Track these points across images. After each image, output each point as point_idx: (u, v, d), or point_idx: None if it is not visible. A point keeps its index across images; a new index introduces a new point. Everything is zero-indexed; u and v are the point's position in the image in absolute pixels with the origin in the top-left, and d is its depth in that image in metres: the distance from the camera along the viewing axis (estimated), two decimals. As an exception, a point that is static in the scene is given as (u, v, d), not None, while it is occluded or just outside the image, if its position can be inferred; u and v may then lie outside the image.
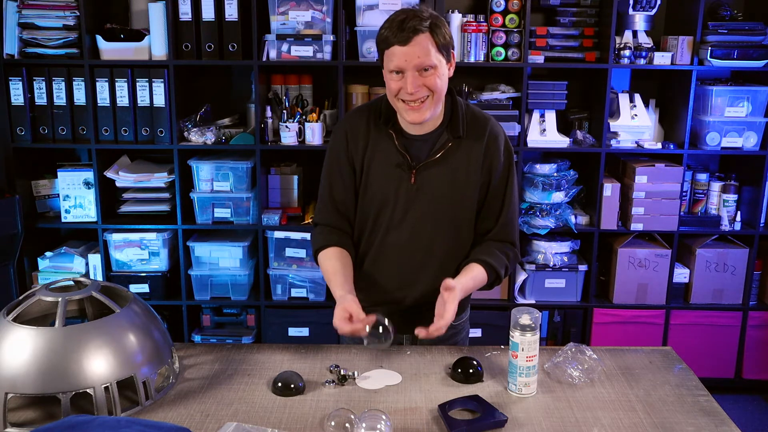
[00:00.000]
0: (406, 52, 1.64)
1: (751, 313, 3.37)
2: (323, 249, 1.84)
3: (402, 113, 1.75)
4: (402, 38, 1.63)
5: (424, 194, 1.79)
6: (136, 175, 3.23)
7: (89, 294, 1.56)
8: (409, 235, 1.82)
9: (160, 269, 3.29)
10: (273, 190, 3.36)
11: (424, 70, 1.66)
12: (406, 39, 1.63)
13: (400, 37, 1.63)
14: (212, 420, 1.49)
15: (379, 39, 1.69)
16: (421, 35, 1.64)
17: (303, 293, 3.32)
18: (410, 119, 1.73)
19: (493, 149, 1.80)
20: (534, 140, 3.22)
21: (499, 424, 1.46)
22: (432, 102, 1.71)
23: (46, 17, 3.04)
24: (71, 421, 1.24)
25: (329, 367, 1.69)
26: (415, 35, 1.63)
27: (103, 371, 1.45)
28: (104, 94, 3.13)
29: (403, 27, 1.63)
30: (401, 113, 1.75)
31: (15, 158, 3.17)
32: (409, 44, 1.64)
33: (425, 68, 1.66)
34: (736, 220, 3.35)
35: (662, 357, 1.81)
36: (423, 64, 1.66)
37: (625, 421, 1.50)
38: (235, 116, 3.42)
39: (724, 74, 3.43)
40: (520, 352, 1.57)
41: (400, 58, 1.65)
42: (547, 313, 3.40)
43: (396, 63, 1.66)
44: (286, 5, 3.07)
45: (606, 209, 3.27)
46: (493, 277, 1.80)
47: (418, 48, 1.64)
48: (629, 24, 3.15)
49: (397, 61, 1.66)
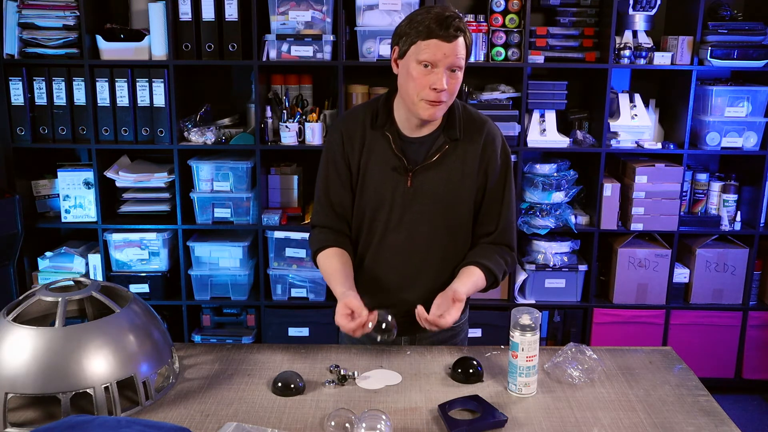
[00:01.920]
0: (447, 48, 1.63)
1: (751, 313, 3.37)
2: (322, 250, 1.84)
3: (417, 110, 1.70)
4: (447, 35, 1.62)
5: (420, 197, 1.79)
6: (136, 175, 3.23)
7: (89, 294, 1.56)
8: (406, 237, 1.82)
9: (160, 269, 3.29)
10: (273, 190, 3.36)
11: (452, 71, 1.66)
12: (451, 36, 1.62)
13: (446, 33, 1.62)
14: (212, 420, 1.49)
15: (413, 29, 1.65)
16: (461, 37, 1.64)
17: (303, 293, 3.32)
18: (426, 115, 1.70)
19: (490, 152, 1.80)
20: (534, 140, 3.22)
21: (499, 424, 1.46)
22: (447, 105, 1.72)
23: (46, 17, 3.04)
24: (71, 421, 1.24)
25: (329, 367, 1.69)
26: (458, 36, 1.63)
27: (103, 371, 1.45)
28: (104, 94, 3.13)
29: (448, 23, 1.62)
30: (416, 109, 1.71)
31: (15, 158, 3.18)
32: (452, 42, 1.63)
33: (454, 69, 1.66)
34: (736, 220, 3.35)
35: (662, 357, 1.81)
36: (457, 63, 1.65)
37: (625, 421, 1.50)
38: (235, 116, 3.42)
39: (724, 74, 3.43)
40: (520, 352, 1.57)
41: (439, 51, 1.63)
42: (547, 313, 3.40)
43: (432, 56, 1.63)
44: (286, 5, 3.07)
45: (606, 209, 3.27)
46: (491, 281, 1.81)
47: (457, 48, 1.64)
48: (629, 24, 3.15)
49: (434, 54, 1.63)
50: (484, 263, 1.79)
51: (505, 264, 1.83)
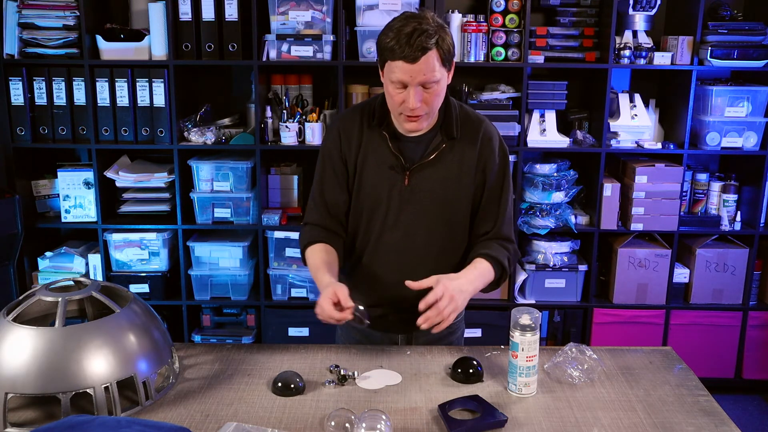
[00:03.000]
0: (413, 69, 1.61)
1: (751, 313, 3.37)
2: (310, 245, 1.84)
3: (400, 122, 1.75)
4: (410, 56, 1.60)
5: (417, 196, 1.79)
6: (136, 175, 3.23)
7: (89, 294, 1.56)
8: (403, 235, 1.82)
9: (160, 269, 3.29)
10: (273, 190, 3.36)
11: (426, 87, 1.65)
12: (414, 58, 1.60)
13: (408, 54, 1.59)
14: (212, 420, 1.49)
15: (383, 47, 1.65)
16: (429, 53, 1.61)
17: (303, 293, 3.32)
18: (408, 128, 1.75)
19: (487, 151, 1.80)
20: (534, 140, 3.22)
21: (499, 424, 1.46)
22: (429, 115, 1.73)
23: (46, 17, 3.04)
24: (71, 421, 1.24)
25: (329, 367, 1.69)
26: (423, 54, 1.60)
27: (103, 371, 1.45)
28: (104, 94, 3.13)
29: (411, 43, 1.59)
30: (399, 121, 1.76)
31: (15, 158, 3.17)
32: (418, 62, 1.61)
33: (428, 85, 1.65)
34: (736, 220, 3.34)
35: (662, 357, 1.81)
36: (428, 80, 1.64)
37: (625, 421, 1.50)
38: (235, 116, 3.42)
39: (724, 74, 3.43)
40: (520, 352, 1.57)
41: (405, 73, 1.63)
42: (547, 313, 3.40)
43: (399, 77, 1.64)
44: (286, 5, 3.07)
45: (606, 209, 3.27)
46: (498, 269, 1.79)
47: (424, 66, 1.61)
48: (629, 24, 3.15)
49: (401, 75, 1.63)
50: (485, 252, 1.78)
51: (507, 252, 1.82)
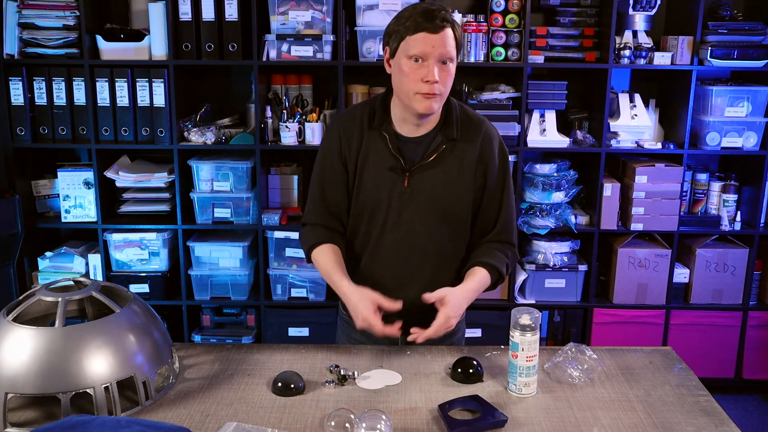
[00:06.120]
0: (436, 39, 1.65)
1: (751, 313, 3.37)
2: (317, 246, 1.85)
3: (413, 104, 1.70)
4: (433, 26, 1.64)
5: (417, 197, 1.79)
6: (136, 175, 3.23)
7: (89, 294, 1.56)
8: (403, 236, 1.82)
9: (160, 269, 3.29)
10: (273, 190, 3.36)
11: (443, 63, 1.67)
12: (438, 27, 1.64)
13: (432, 24, 1.64)
14: (212, 420, 1.49)
15: (399, 26, 1.68)
16: (448, 28, 1.66)
17: (303, 293, 3.32)
18: (423, 108, 1.70)
19: (487, 152, 1.80)
20: (534, 140, 3.22)
21: (499, 424, 1.46)
22: (442, 97, 1.72)
23: (46, 17, 3.04)
24: (71, 421, 1.24)
25: (329, 367, 1.69)
26: (446, 26, 1.66)
27: (103, 371, 1.45)
28: (104, 94, 3.13)
29: (434, 16, 1.65)
30: (411, 104, 1.70)
31: (15, 158, 3.18)
32: (439, 33, 1.65)
33: (445, 61, 1.67)
34: (736, 220, 3.35)
35: (662, 357, 1.81)
36: (447, 54, 1.67)
37: (625, 421, 1.50)
38: (235, 116, 3.42)
39: (724, 74, 3.43)
40: (520, 352, 1.57)
41: (427, 44, 1.65)
42: (547, 313, 3.40)
43: (421, 49, 1.65)
44: (286, 5, 3.07)
45: (606, 209, 3.27)
46: (495, 276, 1.81)
47: (446, 38, 1.66)
48: (629, 24, 3.15)
49: (423, 47, 1.65)
50: (484, 261, 1.80)
51: (506, 257, 1.83)
